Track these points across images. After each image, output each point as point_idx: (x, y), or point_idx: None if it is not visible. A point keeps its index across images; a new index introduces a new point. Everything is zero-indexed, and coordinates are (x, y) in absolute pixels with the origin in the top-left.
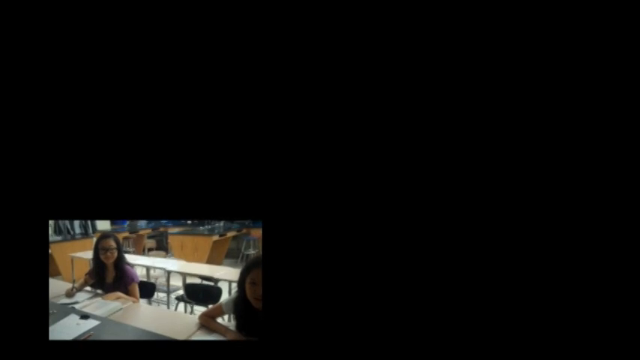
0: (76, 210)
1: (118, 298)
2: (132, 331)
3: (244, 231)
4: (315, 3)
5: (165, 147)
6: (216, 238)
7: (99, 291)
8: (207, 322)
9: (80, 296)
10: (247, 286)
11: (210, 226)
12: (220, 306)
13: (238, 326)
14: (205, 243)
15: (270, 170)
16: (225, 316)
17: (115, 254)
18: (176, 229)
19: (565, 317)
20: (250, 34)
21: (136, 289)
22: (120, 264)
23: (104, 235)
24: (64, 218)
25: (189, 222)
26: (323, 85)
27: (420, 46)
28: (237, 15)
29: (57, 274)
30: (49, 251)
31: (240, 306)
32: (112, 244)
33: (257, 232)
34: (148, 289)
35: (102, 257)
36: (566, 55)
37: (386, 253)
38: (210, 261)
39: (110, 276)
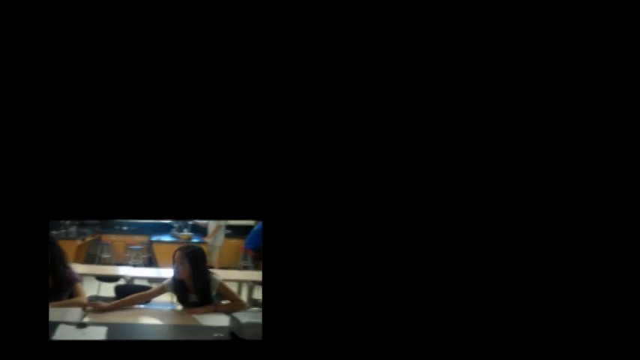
0: (75, 210)
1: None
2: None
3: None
4: (315, 3)
5: (165, 147)
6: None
7: None
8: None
9: None
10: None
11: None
12: (163, 286)
13: (178, 299)
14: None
15: (270, 170)
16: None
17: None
18: None
19: (565, 317)
20: (250, 34)
21: (81, 288)
22: (57, 269)
23: None
24: (64, 218)
25: None
26: (322, 85)
27: (420, 46)
28: (237, 15)
29: None
30: None
31: (177, 283)
32: None
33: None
34: None
35: None
36: (566, 55)
37: (386, 253)
38: None
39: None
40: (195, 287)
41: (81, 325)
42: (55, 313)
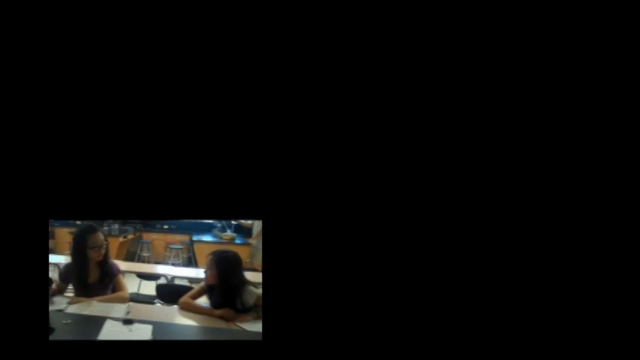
0: (75, 210)
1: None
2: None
3: (137, 234)
4: (315, 3)
5: (165, 147)
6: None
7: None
8: (189, 306)
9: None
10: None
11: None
12: (202, 286)
13: (212, 304)
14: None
15: (270, 169)
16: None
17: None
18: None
19: (565, 317)
20: (250, 34)
21: (123, 281)
22: (105, 263)
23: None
24: (64, 218)
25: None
26: (322, 85)
27: (420, 46)
28: (237, 15)
29: None
30: None
31: (206, 286)
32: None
33: (149, 236)
34: None
35: (90, 255)
36: (566, 55)
37: (386, 253)
38: None
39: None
40: (221, 294)
41: (127, 322)
42: (100, 308)
